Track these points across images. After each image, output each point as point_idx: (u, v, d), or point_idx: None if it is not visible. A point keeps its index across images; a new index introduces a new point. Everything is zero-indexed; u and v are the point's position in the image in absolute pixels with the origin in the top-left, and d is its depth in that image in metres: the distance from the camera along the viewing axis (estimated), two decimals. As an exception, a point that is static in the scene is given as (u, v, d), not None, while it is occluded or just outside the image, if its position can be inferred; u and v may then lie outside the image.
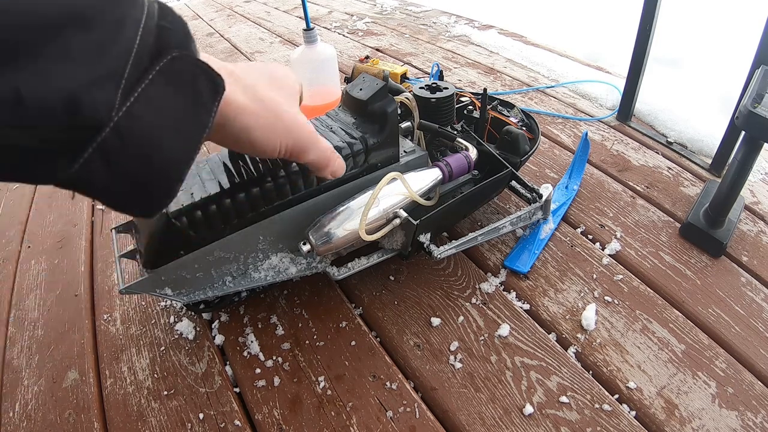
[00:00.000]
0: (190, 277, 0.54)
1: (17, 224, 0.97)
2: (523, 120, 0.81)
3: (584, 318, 0.62)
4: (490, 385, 0.56)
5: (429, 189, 0.63)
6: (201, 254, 0.53)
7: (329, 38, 1.72)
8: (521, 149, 0.72)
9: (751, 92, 0.62)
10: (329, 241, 0.56)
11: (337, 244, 0.57)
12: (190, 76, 0.27)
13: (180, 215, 0.49)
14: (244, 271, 0.59)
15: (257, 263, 0.60)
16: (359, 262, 0.63)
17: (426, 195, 0.63)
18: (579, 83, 1.19)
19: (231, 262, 0.57)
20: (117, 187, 0.25)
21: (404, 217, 0.58)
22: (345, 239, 0.56)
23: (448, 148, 0.73)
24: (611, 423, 0.51)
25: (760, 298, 0.64)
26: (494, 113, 0.80)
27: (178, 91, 0.26)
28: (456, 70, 1.34)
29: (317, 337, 0.63)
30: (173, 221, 0.48)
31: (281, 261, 0.60)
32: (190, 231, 0.50)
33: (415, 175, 0.62)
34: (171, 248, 0.51)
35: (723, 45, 1.87)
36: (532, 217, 0.71)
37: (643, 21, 0.88)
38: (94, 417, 0.57)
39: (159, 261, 0.51)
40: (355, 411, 0.55)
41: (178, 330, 0.66)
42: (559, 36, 1.95)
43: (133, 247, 0.57)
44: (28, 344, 0.68)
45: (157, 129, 0.25)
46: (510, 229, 0.69)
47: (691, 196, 0.82)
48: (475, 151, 0.67)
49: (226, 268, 0.57)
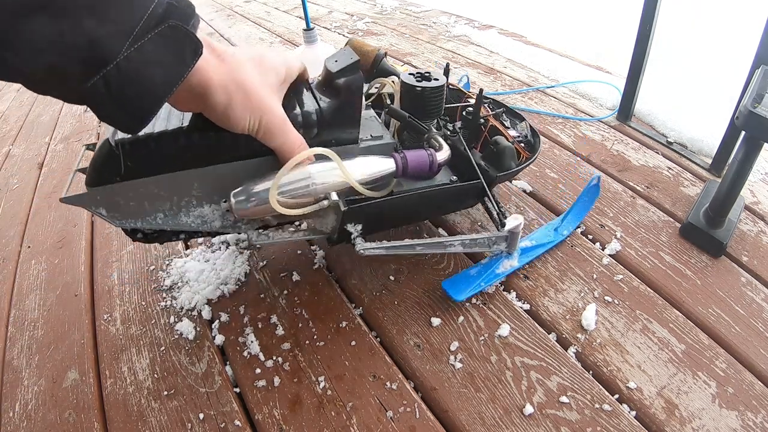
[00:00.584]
0: (123, 203, 0.55)
1: (17, 224, 0.97)
2: (527, 136, 0.74)
3: (584, 318, 0.62)
4: (490, 385, 0.56)
5: (376, 178, 0.58)
6: (136, 185, 0.54)
7: (329, 38, 1.72)
8: (504, 164, 0.66)
9: (751, 92, 0.62)
10: (246, 206, 0.54)
11: (253, 211, 0.55)
12: (180, 40, 0.38)
13: (124, 144, 0.51)
14: (176, 213, 0.58)
15: (190, 208, 0.58)
16: (281, 234, 0.60)
17: (371, 184, 0.59)
18: (579, 83, 1.19)
19: (164, 200, 0.56)
20: (111, 104, 0.37)
21: (334, 200, 0.54)
22: (260, 208, 0.54)
23: (425, 141, 0.68)
24: (611, 423, 0.51)
25: (760, 298, 0.64)
26: (495, 121, 0.73)
27: (168, 48, 0.37)
28: (456, 70, 1.34)
29: (317, 337, 0.63)
30: (113, 148, 0.50)
31: (212, 212, 0.59)
32: (128, 161, 0.52)
33: (363, 160, 0.58)
34: (108, 172, 0.52)
35: (723, 45, 1.87)
36: (492, 246, 0.64)
37: (643, 21, 0.88)
38: (94, 417, 0.57)
39: (96, 181, 0.53)
40: (355, 411, 0.55)
41: (178, 330, 0.66)
42: (559, 36, 1.95)
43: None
44: (28, 344, 0.68)
45: (144, 70, 0.36)
46: (460, 249, 0.63)
47: (691, 196, 0.82)
48: (447, 153, 0.63)
49: (159, 204, 0.57)
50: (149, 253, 0.81)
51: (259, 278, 0.73)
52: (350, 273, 0.72)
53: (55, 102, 1.65)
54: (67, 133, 1.37)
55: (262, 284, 0.72)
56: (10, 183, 1.15)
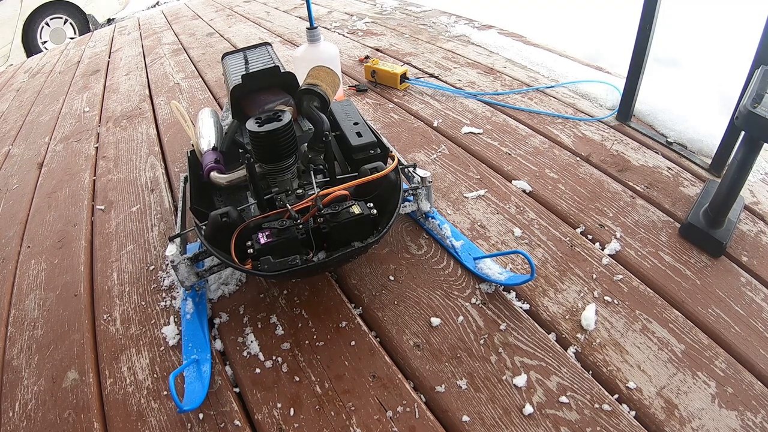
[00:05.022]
0: None
1: (17, 224, 0.97)
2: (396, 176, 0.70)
3: (584, 318, 0.62)
4: (490, 385, 0.56)
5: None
6: None
7: (329, 38, 1.72)
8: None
9: (751, 92, 0.62)
10: None
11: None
12: None
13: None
14: None
15: None
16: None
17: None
18: (579, 83, 1.19)
19: None
20: None
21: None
22: None
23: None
24: (611, 423, 0.51)
25: (759, 298, 0.64)
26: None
27: None
28: (456, 70, 1.34)
29: (317, 337, 0.63)
30: None
31: None
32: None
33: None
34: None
35: (723, 45, 1.87)
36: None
37: (643, 21, 0.88)
38: (93, 417, 0.57)
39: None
40: (355, 411, 0.55)
41: (178, 330, 0.66)
42: (559, 36, 1.95)
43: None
44: (28, 344, 0.68)
45: None
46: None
47: (691, 196, 0.82)
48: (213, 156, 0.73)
49: None
50: (149, 253, 0.81)
51: (258, 279, 0.73)
52: (350, 273, 0.72)
53: (55, 102, 1.65)
54: (66, 133, 1.37)
55: (261, 284, 0.72)
56: (10, 183, 1.15)
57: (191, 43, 1.96)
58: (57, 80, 1.92)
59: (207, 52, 1.80)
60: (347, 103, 0.89)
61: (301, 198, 0.66)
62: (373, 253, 0.75)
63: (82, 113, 1.48)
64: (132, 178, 1.05)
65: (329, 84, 0.77)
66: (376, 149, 0.78)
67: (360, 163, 0.72)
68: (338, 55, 1.10)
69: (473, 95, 1.19)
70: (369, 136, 0.79)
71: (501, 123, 1.07)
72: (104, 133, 1.31)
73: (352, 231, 0.62)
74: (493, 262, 0.69)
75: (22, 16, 3.49)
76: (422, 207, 0.75)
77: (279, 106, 0.74)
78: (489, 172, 0.91)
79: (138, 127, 1.29)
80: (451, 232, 0.74)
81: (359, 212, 0.61)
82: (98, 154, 1.20)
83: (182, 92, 1.47)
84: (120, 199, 0.98)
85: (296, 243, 0.60)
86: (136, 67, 1.80)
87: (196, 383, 0.58)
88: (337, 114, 0.86)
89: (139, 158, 1.13)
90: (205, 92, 1.43)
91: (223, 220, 0.61)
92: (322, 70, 0.79)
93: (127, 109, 1.43)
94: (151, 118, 1.34)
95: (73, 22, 3.76)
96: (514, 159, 0.94)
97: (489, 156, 0.96)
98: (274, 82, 0.78)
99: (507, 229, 0.77)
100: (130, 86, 1.62)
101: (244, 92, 0.77)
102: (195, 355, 0.61)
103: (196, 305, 0.67)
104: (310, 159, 0.72)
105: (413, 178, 0.77)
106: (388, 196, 0.67)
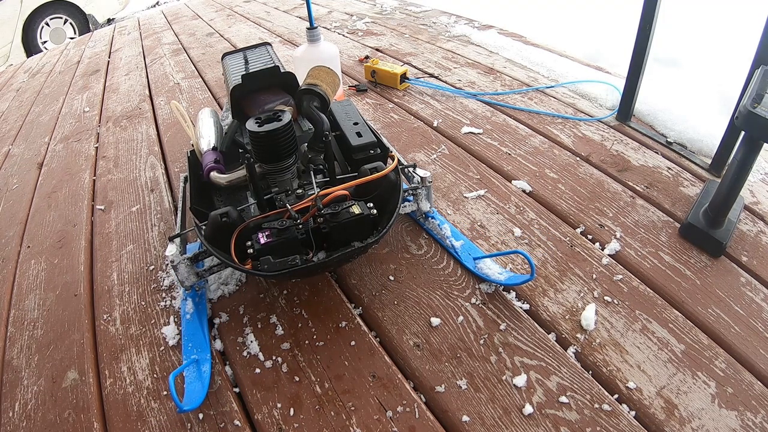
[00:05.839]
0: None
1: (17, 224, 0.97)
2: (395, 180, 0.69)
3: (584, 318, 0.62)
4: (490, 385, 0.56)
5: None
6: None
7: (329, 38, 1.72)
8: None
9: (751, 92, 0.62)
10: None
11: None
12: None
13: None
14: None
15: None
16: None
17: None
18: (579, 83, 1.19)
19: None
20: None
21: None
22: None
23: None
24: (611, 423, 0.51)
25: (759, 298, 0.64)
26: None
27: None
28: (456, 70, 1.34)
29: (317, 337, 0.63)
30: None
31: None
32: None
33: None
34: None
35: (723, 45, 1.87)
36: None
37: (643, 21, 0.88)
38: (93, 417, 0.57)
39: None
40: (355, 411, 0.55)
41: (178, 330, 0.66)
42: (559, 36, 1.95)
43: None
44: (28, 344, 0.68)
45: None
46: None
47: (691, 196, 0.82)
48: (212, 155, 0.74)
49: None
50: (149, 253, 0.81)
51: (258, 278, 0.73)
52: (350, 273, 0.72)
53: (55, 102, 1.65)
54: (66, 133, 1.37)
55: (261, 284, 0.72)
56: (10, 183, 1.15)
57: (191, 43, 1.96)
58: (57, 80, 1.92)
59: (207, 52, 1.80)
60: (347, 103, 0.90)
61: (301, 198, 0.66)
62: (373, 253, 0.75)
63: (82, 113, 1.48)
64: (132, 178, 1.05)
65: (329, 84, 0.77)
66: (376, 149, 0.78)
67: (360, 163, 0.72)
68: (338, 55, 1.10)
69: (473, 95, 1.19)
70: (369, 136, 0.79)
71: (501, 123, 1.07)
72: (104, 133, 1.31)
73: (352, 231, 0.62)
74: (493, 262, 0.69)
75: (22, 16, 3.49)
76: (422, 207, 0.75)
77: (279, 106, 0.74)
78: (489, 172, 0.91)
79: (138, 127, 1.29)
80: (451, 232, 0.74)
81: (359, 212, 0.61)
82: (98, 154, 1.20)
83: (182, 92, 1.47)
84: (120, 199, 0.98)
85: (296, 243, 0.60)
86: (136, 67, 1.81)
87: (196, 383, 0.58)
88: (337, 114, 0.86)
89: (139, 158, 1.13)
90: (205, 92, 1.43)
91: (223, 220, 0.61)
92: (322, 70, 0.79)
93: (127, 109, 1.43)
94: (151, 118, 1.34)
95: (73, 22, 3.76)
96: (514, 159, 0.94)
97: (489, 156, 0.96)
98: (274, 82, 0.78)
99: (507, 229, 0.77)
100: (130, 86, 1.62)
101: (244, 92, 0.77)
102: (195, 355, 0.61)
103: (196, 305, 0.67)
104: (310, 159, 0.72)
105: (413, 178, 0.77)
106: (388, 196, 0.67)
